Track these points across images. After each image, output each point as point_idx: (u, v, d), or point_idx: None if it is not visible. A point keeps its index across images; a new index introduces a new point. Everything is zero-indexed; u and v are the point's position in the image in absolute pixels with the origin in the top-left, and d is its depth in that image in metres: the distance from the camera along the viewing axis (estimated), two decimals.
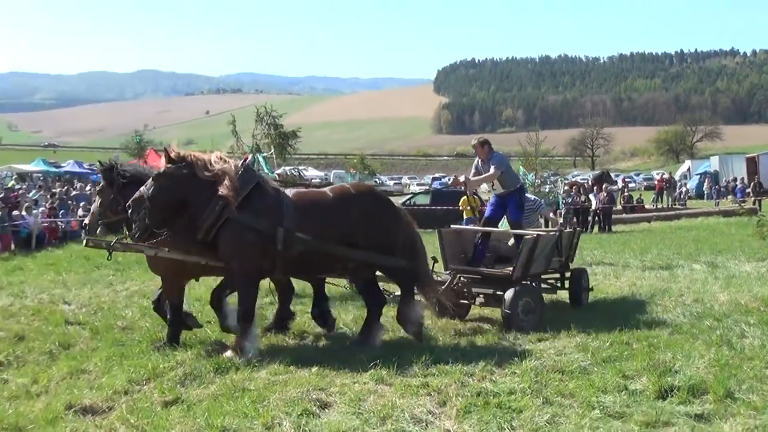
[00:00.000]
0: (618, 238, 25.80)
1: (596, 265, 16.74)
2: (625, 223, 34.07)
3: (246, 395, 6.84)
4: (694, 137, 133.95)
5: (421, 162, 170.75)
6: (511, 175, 12.04)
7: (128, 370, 7.84)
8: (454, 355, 8.25)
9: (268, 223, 8.62)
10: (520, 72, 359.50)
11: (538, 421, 6.03)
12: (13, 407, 6.67)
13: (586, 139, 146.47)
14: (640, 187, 67.16)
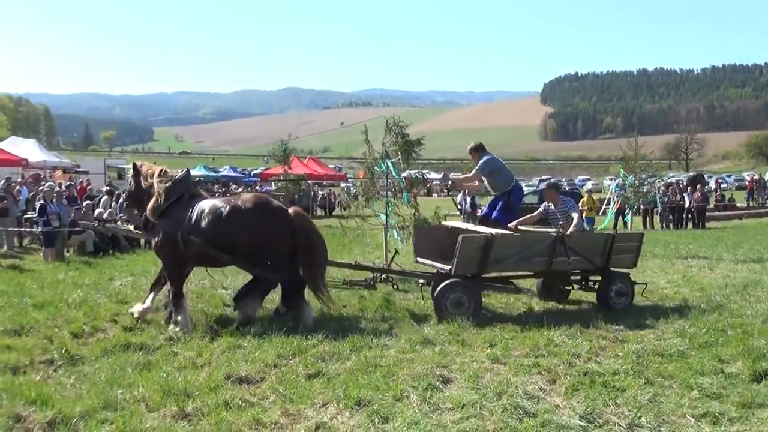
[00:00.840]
0: (711, 234, 24.85)
1: (691, 258, 16.19)
2: (718, 220, 32.86)
3: (378, 370, 6.88)
4: None
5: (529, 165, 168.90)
6: (501, 177, 11.55)
7: (277, 346, 7.98)
8: (561, 338, 8.13)
9: (173, 228, 9.66)
10: (619, 83, 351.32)
11: (640, 400, 5.87)
12: (182, 376, 6.86)
13: (681, 144, 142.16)
14: (731, 188, 65.01)
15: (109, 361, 7.60)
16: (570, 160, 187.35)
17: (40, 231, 17.76)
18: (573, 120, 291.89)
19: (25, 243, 20.24)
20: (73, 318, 9.76)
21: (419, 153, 14.21)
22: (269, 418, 5.67)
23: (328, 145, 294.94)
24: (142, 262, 16.94)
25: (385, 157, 13.64)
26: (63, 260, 17.03)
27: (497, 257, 9.83)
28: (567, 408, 5.78)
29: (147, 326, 9.36)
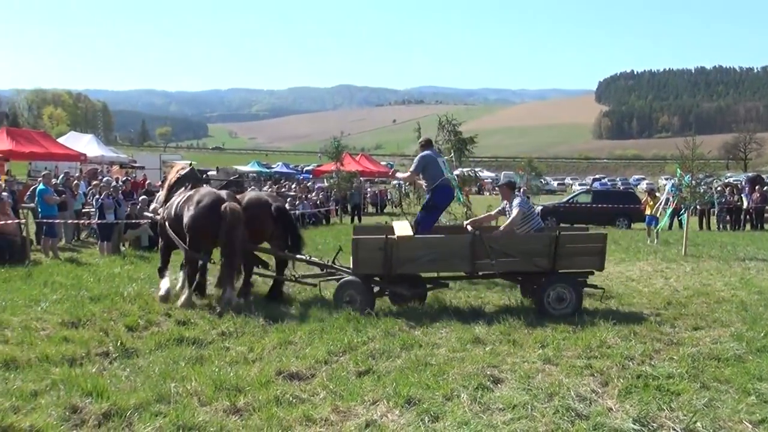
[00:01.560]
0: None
1: (749, 260, 15.83)
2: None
3: (428, 369, 6.87)
4: None
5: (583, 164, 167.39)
6: (428, 175, 11.27)
7: (327, 343, 8.02)
8: (614, 340, 8.03)
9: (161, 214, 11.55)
10: (676, 82, 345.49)
11: (696, 404, 5.76)
12: (234, 371, 6.93)
13: (739, 144, 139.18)
14: None
15: (163, 354, 7.72)
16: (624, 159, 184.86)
17: (96, 224, 18.08)
18: (628, 118, 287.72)
19: (82, 237, 20.64)
20: (128, 311, 9.92)
21: (472, 151, 14.14)
22: (319, 415, 5.69)
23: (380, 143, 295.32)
24: None
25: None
26: (119, 254, 17.33)
27: (406, 258, 9.93)
28: (620, 411, 5.69)
29: (200, 321, 9.46)
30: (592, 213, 29.93)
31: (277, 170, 69.11)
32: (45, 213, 17.01)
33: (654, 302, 10.81)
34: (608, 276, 13.88)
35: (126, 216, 18.58)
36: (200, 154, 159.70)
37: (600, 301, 10.73)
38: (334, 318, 9.40)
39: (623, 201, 30.65)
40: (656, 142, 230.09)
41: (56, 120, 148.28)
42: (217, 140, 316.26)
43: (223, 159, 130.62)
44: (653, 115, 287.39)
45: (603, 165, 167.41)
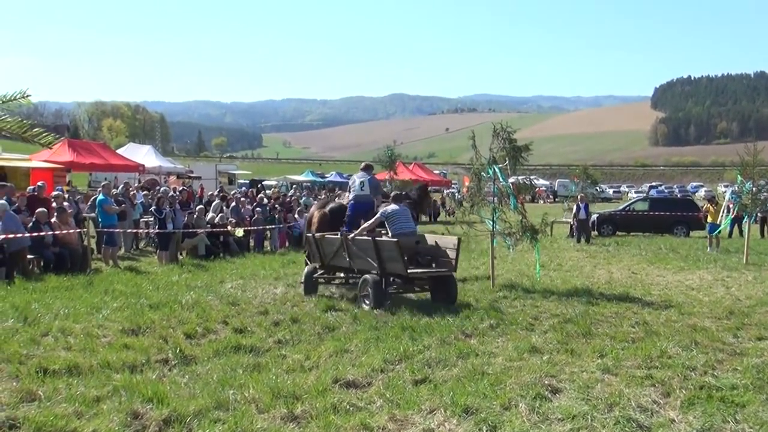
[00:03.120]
0: None
1: None
2: None
3: (485, 378, 6.81)
4: None
5: (639, 172, 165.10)
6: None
7: (383, 351, 8.01)
8: (675, 350, 7.88)
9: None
10: (735, 87, 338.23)
11: (762, 416, 5.62)
12: (291, 378, 6.96)
13: None
14: None
15: (221, 361, 7.78)
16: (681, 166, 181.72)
17: (155, 233, 18.38)
18: (685, 125, 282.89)
19: (141, 246, 21.01)
20: (186, 319, 10.05)
21: (526, 159, 14.02)
22: (377, 423, 5.67)
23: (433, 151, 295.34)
24: (251, 265, 17.34)
25: (492, 162, 13.52)
26: (176, 263, 17.59)
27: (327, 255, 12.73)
28: (683, 423, 5.57)
29: (257, 329, 9.54)
30: (649, 221, 29.49)
31: (330, 179, 69.44)
32: (105, 222, 17.36)
33: (715, 311, 10.58)
34: (668, 285, 13.65)
35: (183, 225, 18.85)
36: (255, 164, 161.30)
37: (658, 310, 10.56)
38: (389, 326, 9.40)
39: (681, 209, 30.08)
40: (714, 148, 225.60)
41: (115, 131, 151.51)
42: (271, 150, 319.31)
43: (278, 169, 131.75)
44: (711, 121, 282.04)
45: (660, 172, 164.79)
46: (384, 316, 10.25)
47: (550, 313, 10.58)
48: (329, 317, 10.29)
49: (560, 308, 10.91)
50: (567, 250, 22.19)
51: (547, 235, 16.02)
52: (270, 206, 24.88)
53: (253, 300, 11.84)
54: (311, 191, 45.57)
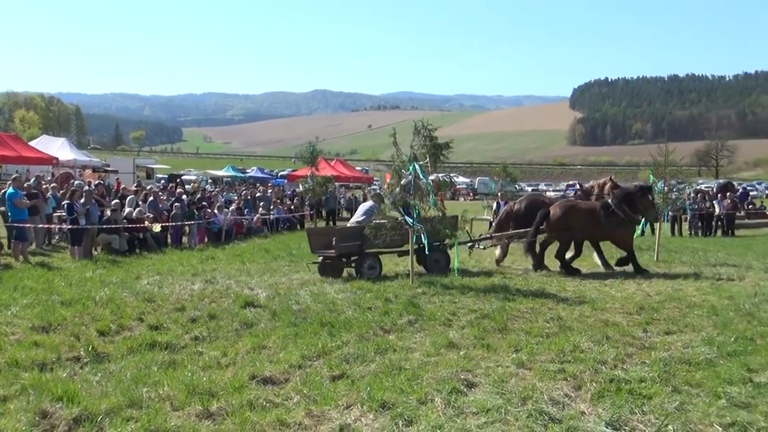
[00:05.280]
0: (741, 242, 24.55)
1: (720, 266, 15.98)
2: (748, 227, 32.42)
3: (402, 373, 6.88)
4: None
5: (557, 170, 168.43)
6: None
7: (301, 347, 8.02)
8: (587, 345, 8.09)
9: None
10: (649, 89, 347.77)
11: (667, 408, 5.81)
12: (207, 375, 6.90)
13: (711, 151, 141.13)
14: (762, 195, 64.53)
15: (135, 359, 7.67)
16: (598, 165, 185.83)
17: (68, 228, 17.92)
18: (602, 125, 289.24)
19: (54, 241, 20.44)
20: (99, 316, 9.86)
21: (447, 156, 14.16)
22: (293, 419, 5.68)
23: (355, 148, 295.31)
24: (169, 261, 17.10)
25: (413, 159, 13.61)
26: (91, 258, 17.19)
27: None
28: (593, 415, 5.72)
29: (173, 326, 9.42)
30: None
31: (251, 175, 68.75)
32: (15, 217, 16.82)
33: (626, 307, 10.87)
34: (582, 281, 13.98)
35: (101, 220, 18.43)
36: (175, 159, 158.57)
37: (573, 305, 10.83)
38: (308, 322, 9.41)
39: None
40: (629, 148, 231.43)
41: (28, 123, 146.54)
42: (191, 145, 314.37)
43: (198, 163, 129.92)
44: (627, 122, 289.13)
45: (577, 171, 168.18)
46: (303, 312, 10.26)
47: (467, 308, 10.71)
48: (247, 313, 10.24)
49: (477, 304, 11.06)
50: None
51: (467, 233, 16.23)
52: (189, 201, 24.53)
53: (170, 296, 11.67)
54: (231, 187, 45.09)
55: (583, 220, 15.37)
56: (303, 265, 16.15)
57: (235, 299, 11.37)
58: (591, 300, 11.56)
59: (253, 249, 20.93)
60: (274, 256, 18.80)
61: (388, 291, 12.13)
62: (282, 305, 10.83)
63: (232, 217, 25.45)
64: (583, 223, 15.33)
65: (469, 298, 11.66)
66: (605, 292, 12.63)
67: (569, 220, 15.39)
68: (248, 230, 26.43)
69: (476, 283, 13.29)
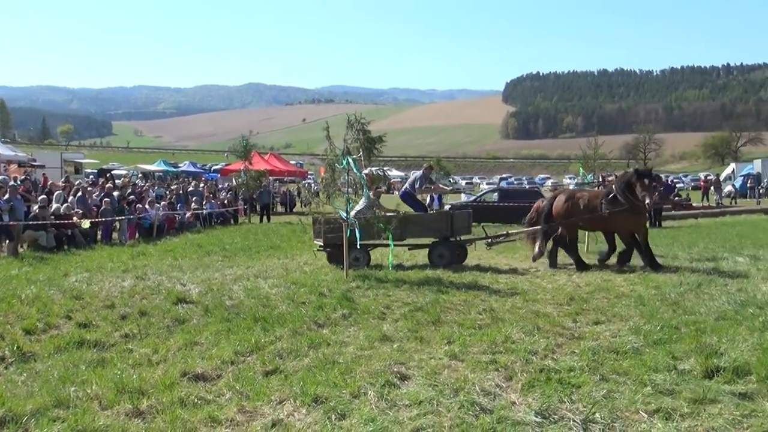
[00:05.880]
0: (667, 233, 25.15)
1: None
2: (674, 219, 33.25)
3: (336, 367, 6.88)
4: (739, 142, 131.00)
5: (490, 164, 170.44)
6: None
7: (234, 343, 7.96)
8: (519, 336, 8.20)
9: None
10: (580, 84, 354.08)
11: (595, 396, 5.92)
12: (137, 373, 6.80)
13: (639, 144, 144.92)
14: (687, 187, 66.34)
15: (63, 358, 7.52)
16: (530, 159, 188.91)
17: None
18: (534, 119, 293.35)
19: None
20: (25, 314, 9.62)
21: (380, 150, 14.20)
22: (225, 416, 5.63)
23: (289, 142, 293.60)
24: (98, 258, 16.79)
25: (346, 153, 13.60)
26: (16, 256, 16.75)
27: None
28: (523, 404, 5.81)
29: (102, 323, 9.25)
30: (499, 211, 30.39)
31: (184, 169, 67.85)
32: None
33: (557, 298, 11.07)
34: (514, 273, 14.18)
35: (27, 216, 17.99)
36: (105, 153, 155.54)
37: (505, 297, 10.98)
38: (241, 318, 9.35)
39: (529, 199, 31.22)
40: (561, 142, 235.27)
41: None
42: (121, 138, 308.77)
43: (129, 158, 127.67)
44: (558, 116, 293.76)
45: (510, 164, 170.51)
46: (236, 307, 10.19)
47: (401, 301, 10.77)
48: (179, 309, 10.11)
49: (411, 297, 11.13)
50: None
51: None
52: (119, 197, 24.09)
53: (99, 293, 11.45)
54: (163, 181, 44.46)
55: (586, 207, 15.00)
56: (237, 259, 16.04)
57: (166, 295, 11.20)
58: (523, 291, 11.73)
59: (186, 244, 20.68)
60: (207, 251, 18.60)
61: (322, 285, 12.11)
62: (215, 301, 10.72)
63: (163, 212, 25.09)
64: (586, 210, 14.98)
65: (403, 291, 11.72)
66: (537, 283, 12.84)
67: (572, 208, 15.12)
68: (180, 225, 26.12)
69: (410, 276, 13.36)
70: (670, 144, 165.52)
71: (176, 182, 40.75)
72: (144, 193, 28.25)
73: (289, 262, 16.02)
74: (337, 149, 13.84)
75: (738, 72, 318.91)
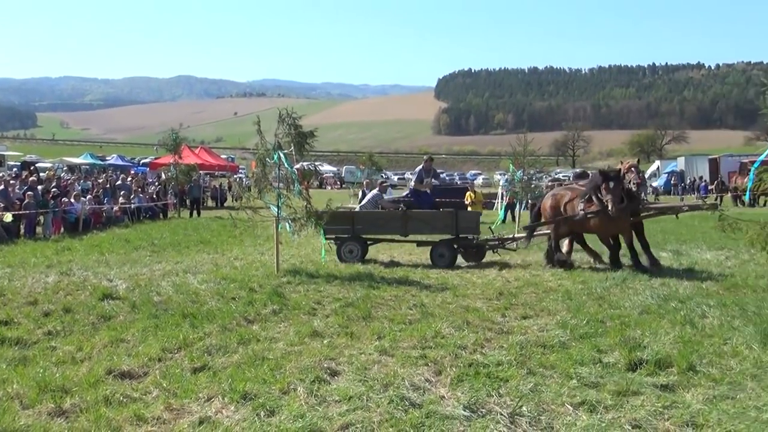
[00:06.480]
0: None
1: (574, 252, 16.63)
2: None
3: (265, 363, 6.86)
4: (664, 140, 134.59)
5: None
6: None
7: (162, 339, 7.85)
8: (449, 330, 8.28)
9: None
10: (511, 81, 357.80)
11: (522, 389, 6.02)
12: (60, 371, 6.65)
13: (568, 141, 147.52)
14: None
15: None
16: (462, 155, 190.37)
17: None
18: (466, 115, 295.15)
19: None
20: None
21: (312, 145, 14.15)
22: (151, 414, 5.55)
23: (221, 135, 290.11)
24: (21, 253, 16.37)
25: (277, 148, 13.52)
26: None
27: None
28: (452, 398, 5.87)
29: (24, 320, 9.01)
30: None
31: (111, 162, 66.45)
32: None
33: (487, 293, 11.22)
34: (445, 268, 14.29)
35: None
36: (29, 145, 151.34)
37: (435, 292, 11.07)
38: (169, 314, 9.22)
39: (460, 195, 31.50)
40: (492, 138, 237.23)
41: None
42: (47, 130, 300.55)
43: (54, 150, 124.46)
44: (489, 113, 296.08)
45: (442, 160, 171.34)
46: (164, 303, 10.05)
47: (332, 297, 10.78)
48: (105, 306, 9.91)
49: (343, 292, 11.14)
50: None
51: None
52: (43, 190, 23.49)
53: (22, 290, 11.16)
54: (90, 175, 43.51)
55: (568, 206, 14.43)
56: (165, 254, 15.81)
57: (92, 291, 10.98)
58: (453, 287, 11.85)
59: (113, 239, 20.26)
60: (135, 246, 18.27)
61: (252, 281, 12.03)
62: (142, 297, 10.54)
63: (89, 206, 24.54)
64: (568, 210, 14.41)
65: (334, 286, 11.72)
66: (467, 278, 12.97)
67: (557, 207, 14.61)
68: (107, 220, 25.56)
69: (342, 271, 13.37)
70: (597, 141, 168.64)
71: (103, 175, 39.91)
72: (69, 187, 27.61)
73: (219, 258, 15.85)
74: (269, 144, 13.75)
75: (663, 72, 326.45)
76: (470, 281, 12.61)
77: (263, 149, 13.82)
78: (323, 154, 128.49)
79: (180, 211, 33.28)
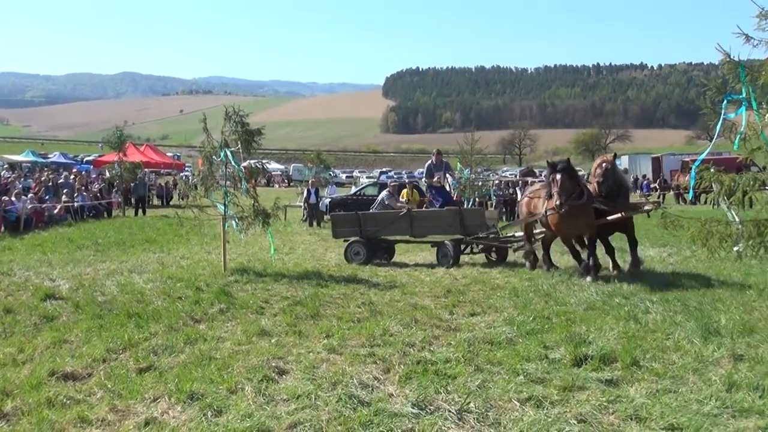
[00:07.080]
0: None
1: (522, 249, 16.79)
2: None
3: (212, 363, 6.81)
4: (608, 139, 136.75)
5: (371, 157, 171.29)
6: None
7: (106, 340, 7.74)
8: (397, 328, 8.31)
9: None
10: (458, 80, 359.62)
11: (470, 386, 6.07)
12: (1, 374, 6.52)
13: (515, 140, 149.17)
14: None
15: None
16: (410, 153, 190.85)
17: None
18: (413, 114, 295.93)
19: None
20: None
21: (260, 143, 14.08)
22: (96, 415, 5.47)
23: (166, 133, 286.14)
24: None
25: (224, 146, 13.42)
26: None
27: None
28: (400, 396, 5.88)
29: None
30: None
31: (54, 160, 65.15)
32: None
33: (435, 290, 11.27)
34: (393, 266, 14.33)
35: None
36: None
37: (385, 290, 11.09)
38: (114, 314, 9.09)
39: None
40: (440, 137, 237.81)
41: None
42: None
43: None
44: (437, 111, 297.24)
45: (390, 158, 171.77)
46: (109, 303, 9.90)
47: (280, 296, 10.74)
48: (48, 306, 9.73)
49: (291, 291, 11.12)
50: (300, 234, 22.65)
51: (281, 220, 16.24)
52: None
53: None
54: (32, 172, 42.62)
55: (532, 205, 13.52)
56: (110, 253, 15.57)
57: (34, 292, 10.77)
58: (401, 284, 11.89)
59: (56, 238, 19.87)
60: (79, 245, 17.93)
61: (199, 280, 11.92)
62: (86, 297, 10.37)
63: (31, 204, 24.02)
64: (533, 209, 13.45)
65: (282, 285, 11.68)
66: (415, 276, 13.02)
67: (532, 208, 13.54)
68: (50, 219, 25.04)
69: (290, 270, 13.33)
70: (543, 140, 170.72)
71: (45, 173, 39.12)
72: (10, 185, 27.02)
73: (166, 257, 15.66)
74: (215, 141, 13.63)
75: (607, 72, 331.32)
76: (419, 279, 12.66)
77: (210, 147, 13.70)
78: (271, 152, 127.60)
79: (125, 209, 32.78)
